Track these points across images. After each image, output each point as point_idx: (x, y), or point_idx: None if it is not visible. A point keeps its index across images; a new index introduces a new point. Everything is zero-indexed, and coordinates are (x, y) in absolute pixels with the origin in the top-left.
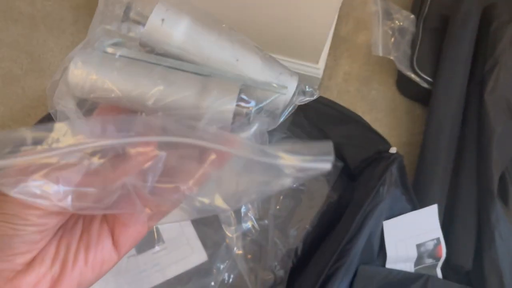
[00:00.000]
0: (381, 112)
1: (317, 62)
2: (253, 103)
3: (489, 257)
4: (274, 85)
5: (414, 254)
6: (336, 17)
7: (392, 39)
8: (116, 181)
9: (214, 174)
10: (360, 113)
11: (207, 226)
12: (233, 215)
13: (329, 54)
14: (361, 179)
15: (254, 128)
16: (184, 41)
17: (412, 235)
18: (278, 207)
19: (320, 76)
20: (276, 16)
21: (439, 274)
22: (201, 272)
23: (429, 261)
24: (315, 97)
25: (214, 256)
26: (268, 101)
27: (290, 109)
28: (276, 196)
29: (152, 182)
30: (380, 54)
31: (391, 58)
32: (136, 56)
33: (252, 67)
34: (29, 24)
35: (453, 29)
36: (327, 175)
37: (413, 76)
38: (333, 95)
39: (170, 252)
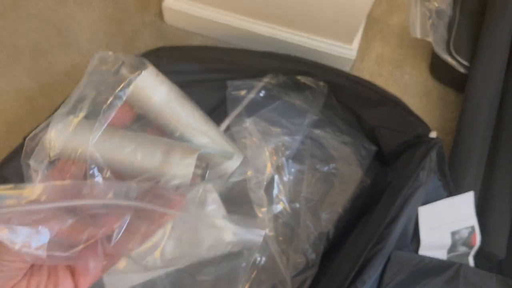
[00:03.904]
0: (414, 97)
1: (350, 43)
2: (206, 167)
3: None
4: (230, 150)
5: (448, 241)
6: None
7: (430, 21)
8: (86, 237)
9: (160, 232)
10: None
11: (238, 207)
12: (265, 196)
13: (361, 36)
14: (398, 163)
15: (204, 188)
16: (161, 103)
17: (447, 222)
18: (310, 190)
19: (353, 58)
20: None
21: (471, 262)
22: (232, 253)
23: (462, 249)
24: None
25: None
26: (219, 167)
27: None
28: (308, 179)
29: (116, 238)
30: (418, 36)
31: (429, 40)
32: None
33: (212, 135)
34: None
35: (492, 13)
36: (360, 158)
37: (449, 59)
38: (365, 78)
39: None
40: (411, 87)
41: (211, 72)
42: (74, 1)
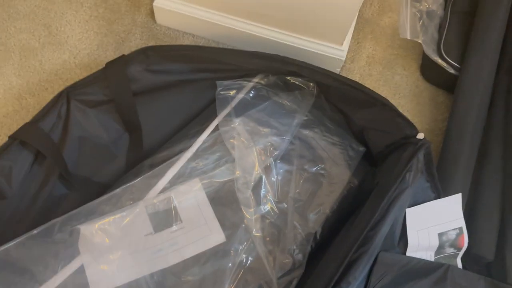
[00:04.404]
0: (404, 97)
1: (341, 44)
2: None
3: None
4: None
5: (435, 243)
6: None
7: (420, 22)
8: None
9: None
10: None
11: (226, 206)
12: (252, 196)
13: (352, 37)
14: (385, 164)
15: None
16: None
17: (434, 223)
18: (297, 190)
19: (343, 58)
20: None
21: (459, 264)
22: (218, 253)
23: (450, 251)
24: None
25: (232, 237)
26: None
27: None
28: (296, 180)
29: None
30: (408, 37)
31: (419, 41)
32: None
33: None
34: None
35: (483, 14)
36: (348, 159)
37: (440, 61)
38: (355, 79)
39: (187, 232)
40: (401, 87)
41: (201, 72)
42: (64, 1)
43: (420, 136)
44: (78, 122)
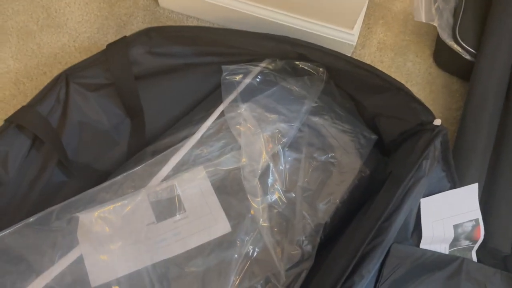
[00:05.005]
0: (417, 85)
1: (351, 28)
2: None
3: None
4: None
5: (450, 235)
6: None
7: (435, 5)
8: None
9: None
10: None
11: (231, 196)
12: (259, 185)
13: (363, 21)
14: (399, 153)
15: None
16: None
17: (450, 215)
18: (306, 179)
19: (354, 43)
20: None
21: (474, 257)
22: (224, 243)
23: (465, 243)
24: None
25: (239, 227)
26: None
27: None
28: (305, 168)
29: None
30: (423, 20)
31: (434, 24)
32: None
33: None
34: None
35: (499, 0)
36: (359, 147)
37: (455, 46)
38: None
39: (191, 222)
40: (414, 74)
41: (206, 55)
42: None
43: (437, 122)
44: (78, 106)
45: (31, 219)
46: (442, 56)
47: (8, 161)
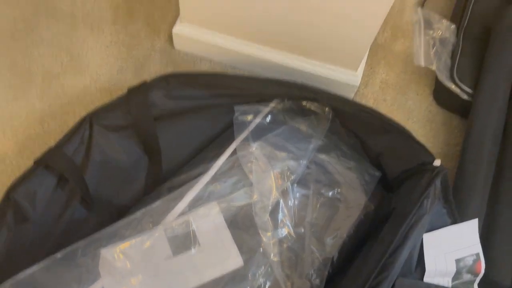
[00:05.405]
0: (418, 122)
1: (356, 69)
2: None
3: None
4: None
5: (453, 269)
6: (381, 24)
7: (434, 49)
8: None
9: None
10: None
11: (243, 230)
12: (270, 221)
13: (366, 62)
14: (402, 190)
15: None
16: None
17: (451, 249)
18: (314, 215)
19: (357, 84)
20: (321, 22)
21: None
22: (236, 277)
23: (467, 277)
24: None
25: (250, 261)
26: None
27: None
28: (313, 204)
29: None
30: (423, 64)
31: (433, 68)
32: None
33: None
34: (69, 23)
35: (496, 41)
36: (364, 184)
37: (453, 87)
38: (369, 103)
39: (206, 256)
40: (415, 112)
41: (219, 97)
42: (86, 26)
43: (437, 163)
44: (100, 146)
45: (58, 255)
46: (441, 95)
47: (36, 199)
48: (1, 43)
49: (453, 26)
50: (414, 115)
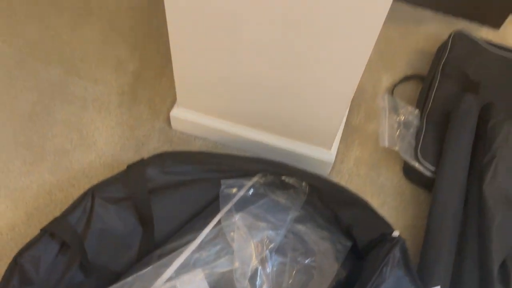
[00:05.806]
0: (389, 196)
1: (330, 148)
2: None
3: None
4: None
5: None
6: (347, 111)
7: (398, 132)
8: None
9: None
10: (369, 196)
11: None
12: (249, 286)
13: (341, 141)
14: (368, 258)
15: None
16: None
17: None
18: (290, 281)
19: (332, 161)
20: (294, 107)
21: None
22: None
23: None
24: None
25: None
26: None
27: None
28: (289, 271)
29: None
30: (386, 145)
31: (396, 149)
32: None
33: None
34: (80, 106)
35: (454, 125)
36: (337, 253)
37: (417, 165)
38: (344, 178)
39: None
40: (386, 187)
41: (208, 173)
42: (94, 109)
43: (395, 234)
44: (100, 217)
45: None
46: (409, 171)
47: (40, 264)
48: (20, 125)
49: (416, 111)
50: (386, 190)
